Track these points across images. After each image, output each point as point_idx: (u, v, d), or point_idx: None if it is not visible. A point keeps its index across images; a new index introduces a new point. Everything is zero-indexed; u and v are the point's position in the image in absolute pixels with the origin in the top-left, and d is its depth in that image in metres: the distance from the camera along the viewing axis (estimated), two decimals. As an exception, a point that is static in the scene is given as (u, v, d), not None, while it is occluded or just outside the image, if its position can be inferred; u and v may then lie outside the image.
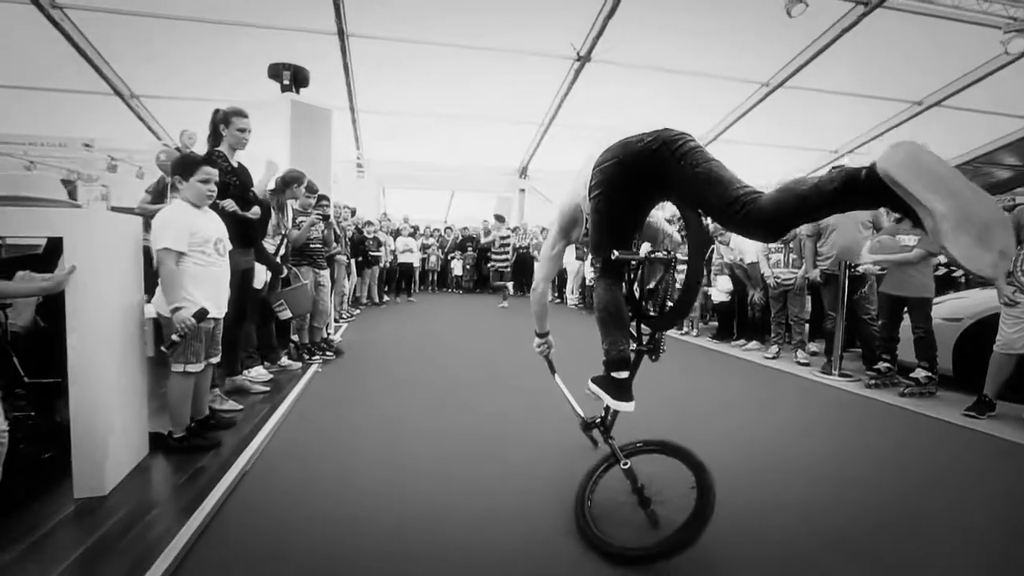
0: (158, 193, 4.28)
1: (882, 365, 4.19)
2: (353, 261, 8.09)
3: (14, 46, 8.24)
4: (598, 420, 2.18)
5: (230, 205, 3.03)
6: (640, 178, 1.61)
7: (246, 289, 3.39)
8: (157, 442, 2.47)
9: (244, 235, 3.23)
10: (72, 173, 9.02)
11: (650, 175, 1.59)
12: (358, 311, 8.25)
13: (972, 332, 3.93)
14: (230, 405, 3.12)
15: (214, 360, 2.68)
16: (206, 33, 8.33)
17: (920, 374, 3.93)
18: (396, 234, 10.67)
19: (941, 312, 4.08)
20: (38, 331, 2.71)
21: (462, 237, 12.67)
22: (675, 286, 1.88)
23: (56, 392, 2.23)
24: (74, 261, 1.91)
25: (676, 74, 9.69)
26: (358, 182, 12.43)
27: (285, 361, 4.31)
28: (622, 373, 1.74)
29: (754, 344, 5.80)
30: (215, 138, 3.16)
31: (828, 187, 1.17)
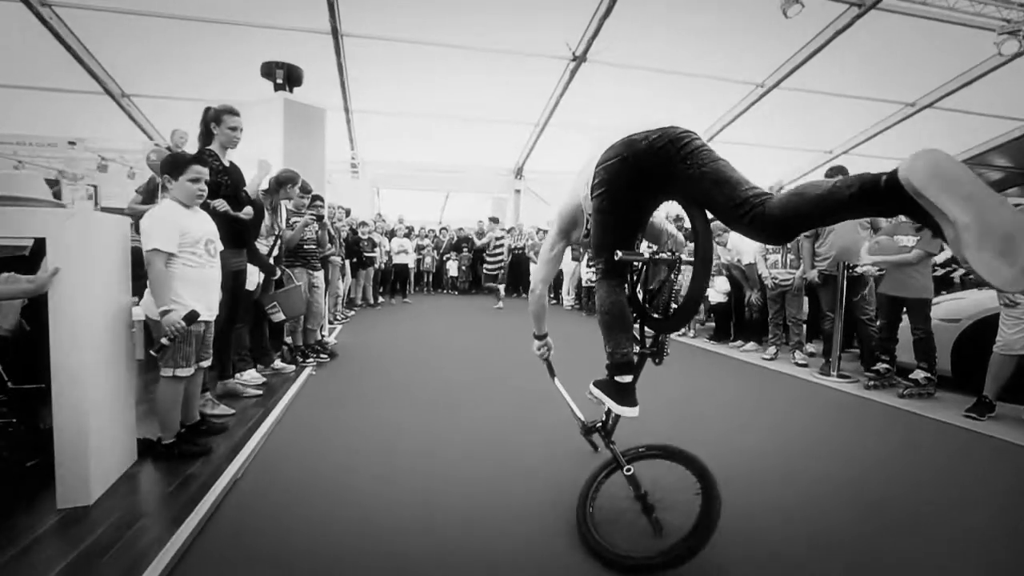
0: (149, 193, 4.21)
1: (881, 366, 4.18)
2: (348, 262, 8.03)
3: (2, 44, 8.12)
4: (599, 424, 2.14)
5: (221, 205, 2.96)
6: (644, 177, 1.57)
7: (238, 291, 3.32)
8: (146, 449, 2.40)
9: (236, 236, 3.16)
10: (58, 172, 8.89)
11: (655, 174, 1.55)
12: (353, 313, 8.18)
13: (971, 333, 3.93)
14: (222, 409, 3.05)
15: (205, 364, 2.61)
16: (198, 32, 8.25)
17: (919, 375, 3.92)
18: (391, 235, 10.61)
19: (939, 313, 4.07)
20: (23, 335, 2.64)
21: (457, 238, 12.62)
22: (679, 287, 1.84)
23: (40, 398, 2.16)
24: (58, 262, 1.84)
25: (672, 75, 9.69)
26: (352, 182, 12.35)
27: (278, 364, 4.24)
28: (626, 377, 1.70)
29: (751, 345, 5.79)
30: (206, 137, 3.09)
31: (844, 192, 1.14)
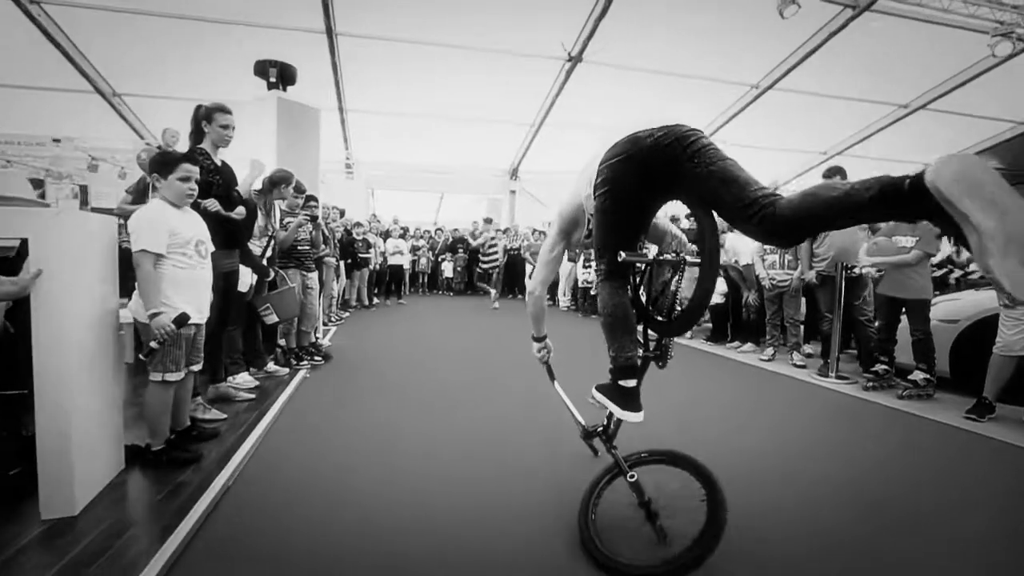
0: (139, 193, 4.12)
1: (880, 367, 4.16)
2: (342, 263, 7.96)
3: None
4: (600, 429, 2.09)
5: (213, 205, 2.89)
6: (649, 175, 1.53)
7: (230, 293, 3.25)
8: (134, 456, 2.33)
9: (228, 236, 3.09)
10: (44, 172, 8.75)
11: (660, 172, 1.51)
12: (347, 314, 8.11)
13: (969, 334, 3.92)
14: (213, 414, 2.98)
15: (195, 368, 2.54)
16: (191, 30, 8.13)
17: (918, 376, 3.90)
18: (386, 236, 10.53)
19: (937, 314, 4.06)
20: (6, 337, 2.56)
21: (453, 239, 12.57)
22: (680, 289, 1.80)
23: (23, 404, 2.09)
24: (41, 264, 1.78)
25: (667, 75, 9.67)
26: (347, 183, 12.25)
27: (272, 367, 4.16)
28: (630, 381, 1.66)
29: (749, 346, 5.77)
30: (197, 135, 3.03)
31: (862, 195, 1.10)
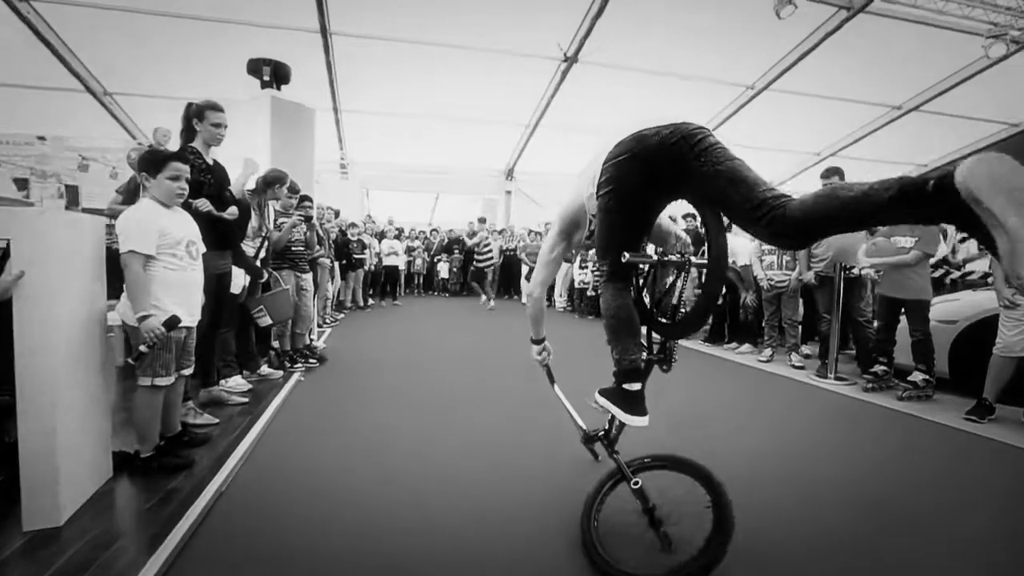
0: (130, 193, 4.04)
1: (879, 368, 4.14)
2: (337, 264, 7.89)
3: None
4: (601, 433, 2.05)
5: (204, 205, 2.82)
6: (655, 174, 1.49)
7: (222, 294, 3.18)
8: (122, 463, 2.26)
9: (220, 237, 3.02)
10: (29, 171, 8.61)
11: (666, 171, 1.47)
12: (342, 316, 8.03)
13: (968, 334, 3.91)
14: (205, 419, 2.91)
15: (186, 372, 2.47)
16: (183, 29, 8.03)
17: (918, 377, 3.89)
18: (381, 236, 10.47)
19: (936, 314, 4.04)
20: (-10, 342, 2.49)
21: (448, 239, 12.50)
22: (686, 291, 1.76)
23: (5, 410, 2.02)
24: (23, 265, 1.71)
25: (664, 76, 9.66)
26: (342, 183, 12.18)
27: (265, 370, 4.09)
28: (635, 385, 1.61)
29: (747, 347, 5.75)
30: (188, 134, 2.96)
31: (881, 195, 1.06)
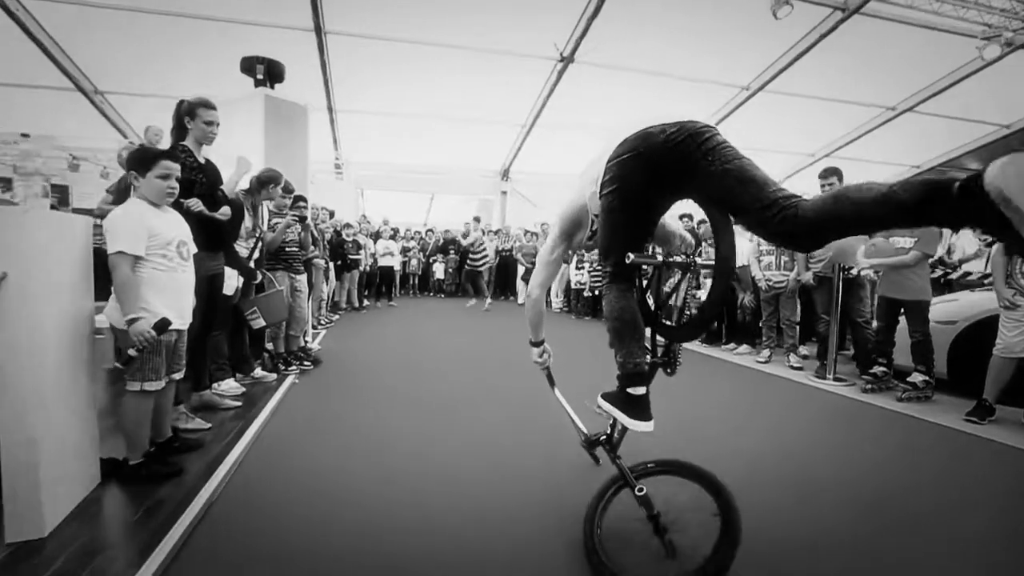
0: (120, 192, 3.96)
1: (878, 369, 4.13)
2: (332, 265, 7.81)
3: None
4: (603, 438, 2.01)
5: (195, 205, 2.76)
6: (660, 173, 1.45)
7: (214, 296, 3.12)
8: (111, 470, 2.19)
9: (212, 238, 2.96)
10: (13, 169, 8.48)
11: (672, 170, 1.43)
12: (337, 317, 7.96)
13: (967, 335, 3.90)
14: (196, 424, 2.84)
15: (177, 376, 2.41)
16: (175, 27, 7.93)
17: (917, 378, 3.87)
18: (376, 237, 10.39)
19: (935, 315, 4.02)
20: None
21: (444, 240, 12.44)
22: (690, 292, 1.72)
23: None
24: (5, 266, 1.64)
25: (659, 76, 9.64)
26: (336, 184, 12.08)
27: (259, 372, 4.02)
28: (639, 389, 1.57)
29: (744, 348, 5.74)
30: (179, 132, 2.89)
31: (902, 197, 1.04)
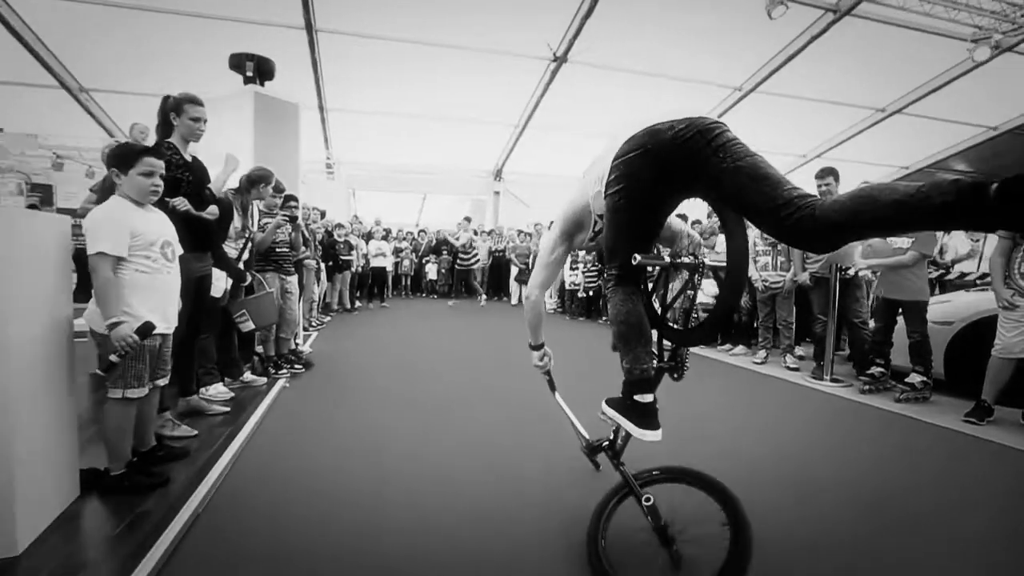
0: (105, 192, 3.77)
1: (876, 370, 4.12)
2: (323, 265, 7.70)
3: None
4: (606, 444, 1.95)
5: (182, 204, 2.66)
6: (668, 171, 1.39)
7: (201, 298, 3.02)
8: (92, 481, 2.09)
9: (199, 238, 2.86)
10: None
11: (680, 167, 1.37)
12: (328, 318, 7.85)
13: (964, 335, 3.89)
14: (183, 431, 2.74)
15: (161, 382, 2.31)
16: (163, 24, 7.79)
17: (915, 379, 3.86)
18: (368, 237, 10.29)
19: (931, 315, 4.02)
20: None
21: (436, 240, 12.35)
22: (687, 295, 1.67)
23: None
24: (-24, 269, 1.56)
25: (653, 76, 9.64)
26: (328, 183, 11.96)
27: (248, 376, 3.91)
28: (646, 396, 1.51)
29: (740, 349, 5.71)
30: (165, 128, 2.79)
31: (933, 200, 0.98)
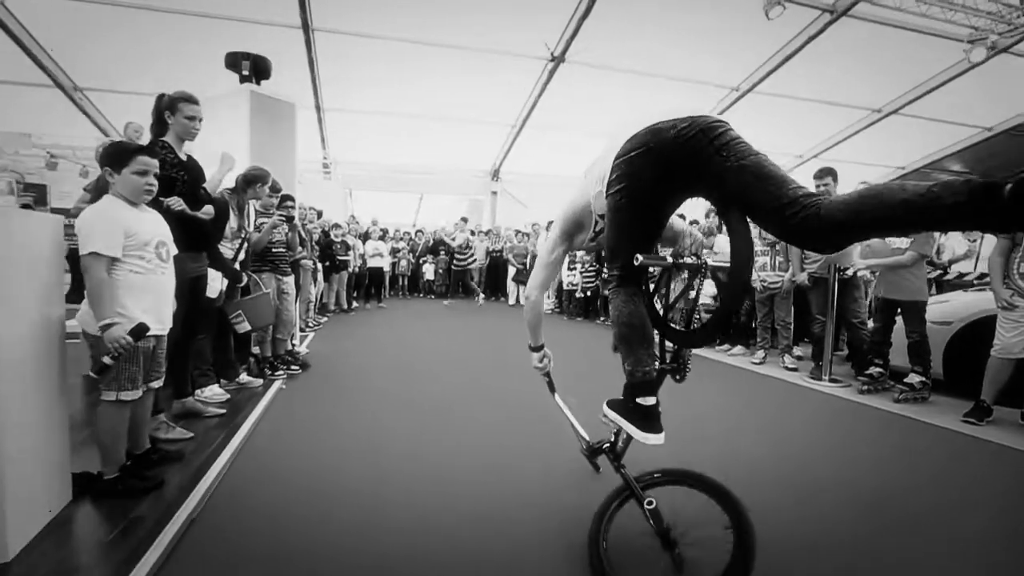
0: (99, 191, 3.72)
1: (874, 370, 4.11)
2: (320, 266, 7.66)
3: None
4: (606, 446, 1.93)
5: (177, 204, 2.62)
6: (671, 170, 1.38)
7: (197, 299, 2.98)
8: (84, 485, 2.05)
9: (194, 238, 2.82)
10: None
11: (683, 166, 1.35)
12: (325, 319, 7.81)
13: (962, 335, 3.89)
14: (178, 433, 2.70)
15: (155, 384, 2.27)
16: (159, 23, 7.73)
17: (914, 379, 3.85)
18: (365, 237, 10.24)
19: (929, 315, 4.02)
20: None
21: (433, 240, 12.32)
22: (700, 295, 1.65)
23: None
24: (-35, 270, 1.53)
25: (650, 76, 9.63)
26: (324, 183, 11.89)
27: (244, 378, 3.87)
28: (649, 399, 1.49)
29: (739, 349, 5.71)
30: (160, 127, 2.75)
31: (945, 200, 0.97)
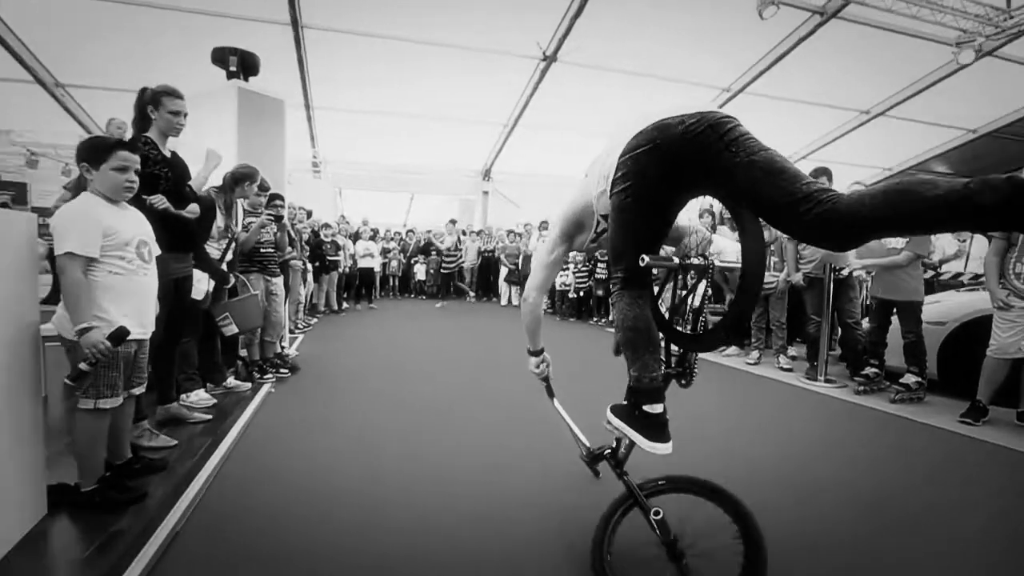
0: (78, 189, 3.67)
1: (870, 370, 4.11)
2: (310, 266, 7.54)
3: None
4: (608, 452, 1.87)
5: (160, 202, 2.52)
6: (678, 167, 1.32)
7: (182, 301, 2.88)
8: (60, 497, 1.95)
9: (179, 238, 2.72)
10: None
11: (691, 162, 1.30)
12: (315, 320, 7.68)
13: (957, 335, 3.90)
14: (161, 441, 2.60)
15: (137, 391, 2.17)
16: (143, 17, 7.55)
17: (910, 379, 3.85)
18: (355, 237, 10.12)
19: (924, 316, 4.02)
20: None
21: (425, 241, 12.23)
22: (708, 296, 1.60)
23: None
24: (-72, 271, 1.43)
25: (642, 76, 9.62)
26: (314, 183, 11.74)
27: (232, 382, 3.77)
28: (656, 406, 1.43)
29: (733, 349, 5.69)
30: (142, 122, 2.65)
31: (979, 198, 0.91)
